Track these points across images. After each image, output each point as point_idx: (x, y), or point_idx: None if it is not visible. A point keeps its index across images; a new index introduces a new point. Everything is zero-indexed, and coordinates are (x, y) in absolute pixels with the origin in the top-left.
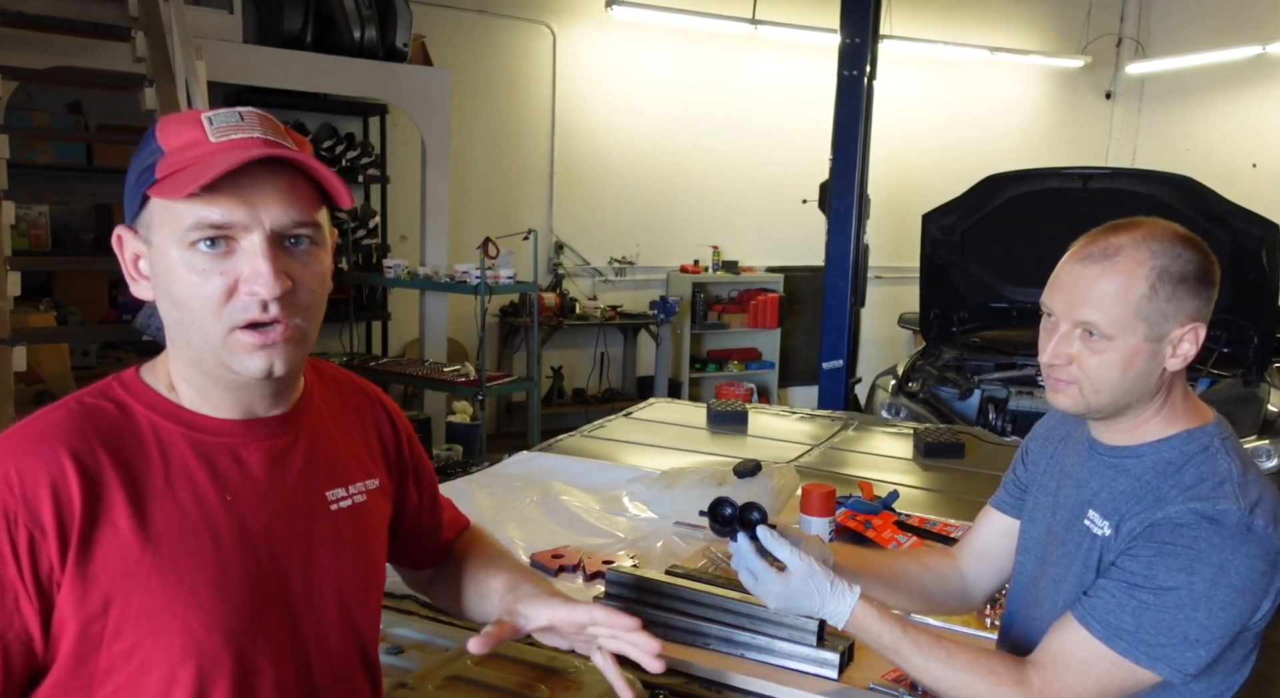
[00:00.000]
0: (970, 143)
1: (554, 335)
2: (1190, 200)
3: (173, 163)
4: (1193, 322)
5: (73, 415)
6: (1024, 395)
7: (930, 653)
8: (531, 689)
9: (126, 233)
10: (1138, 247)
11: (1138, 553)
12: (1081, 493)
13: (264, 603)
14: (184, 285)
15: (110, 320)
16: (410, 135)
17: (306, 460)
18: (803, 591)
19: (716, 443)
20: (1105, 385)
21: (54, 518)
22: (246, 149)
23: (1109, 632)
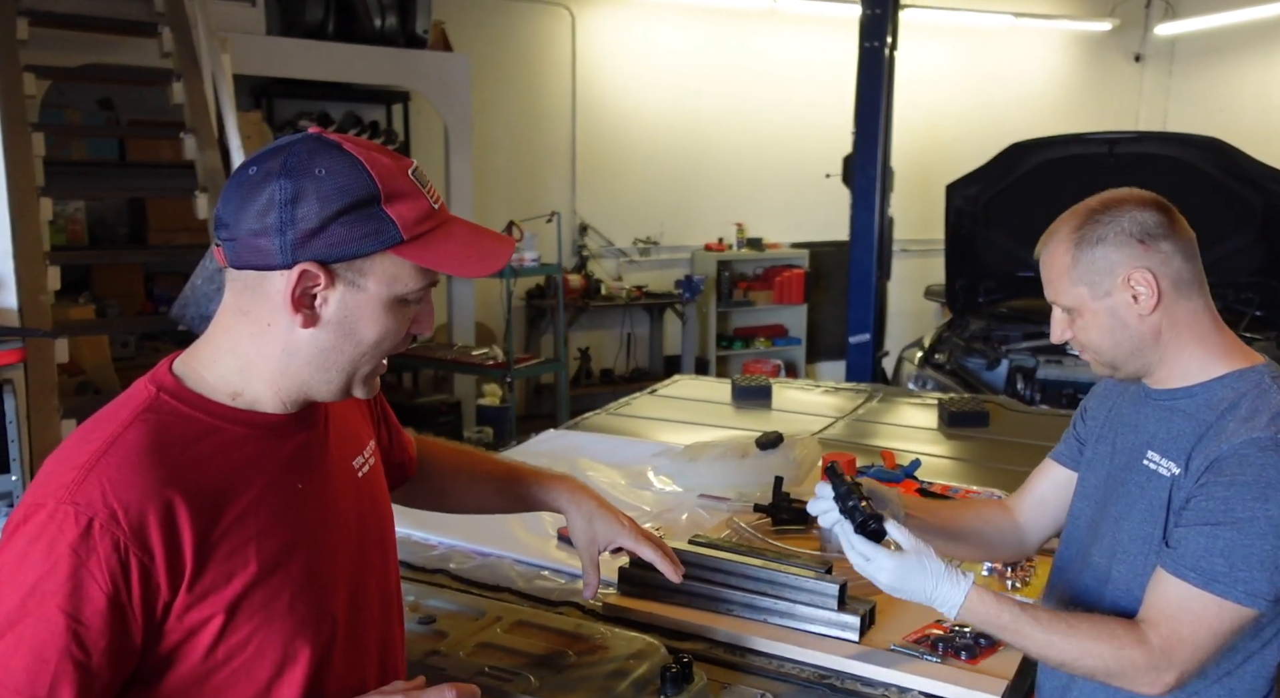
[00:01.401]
0: (995, 112)
1: (580, 317)
2: (1220, 162)
3: (415, 224)
4: (1131, 270)
5: (147, 437)
6: (1052, 364)
7: (1052, 627)
8: (560, 655)
9: (318, 269)
10: (1062, 227)
11: (1210, 492)
12: (1139, 436)
13: (340, 571)
14: (384, 330)
15: (147, 312)
16: (433, 122)
17: (335, 437)
18: (916, 572)
19: (741, 418)
20: (1101, 348)
21: (164, 545)
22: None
23: (1205, 578)
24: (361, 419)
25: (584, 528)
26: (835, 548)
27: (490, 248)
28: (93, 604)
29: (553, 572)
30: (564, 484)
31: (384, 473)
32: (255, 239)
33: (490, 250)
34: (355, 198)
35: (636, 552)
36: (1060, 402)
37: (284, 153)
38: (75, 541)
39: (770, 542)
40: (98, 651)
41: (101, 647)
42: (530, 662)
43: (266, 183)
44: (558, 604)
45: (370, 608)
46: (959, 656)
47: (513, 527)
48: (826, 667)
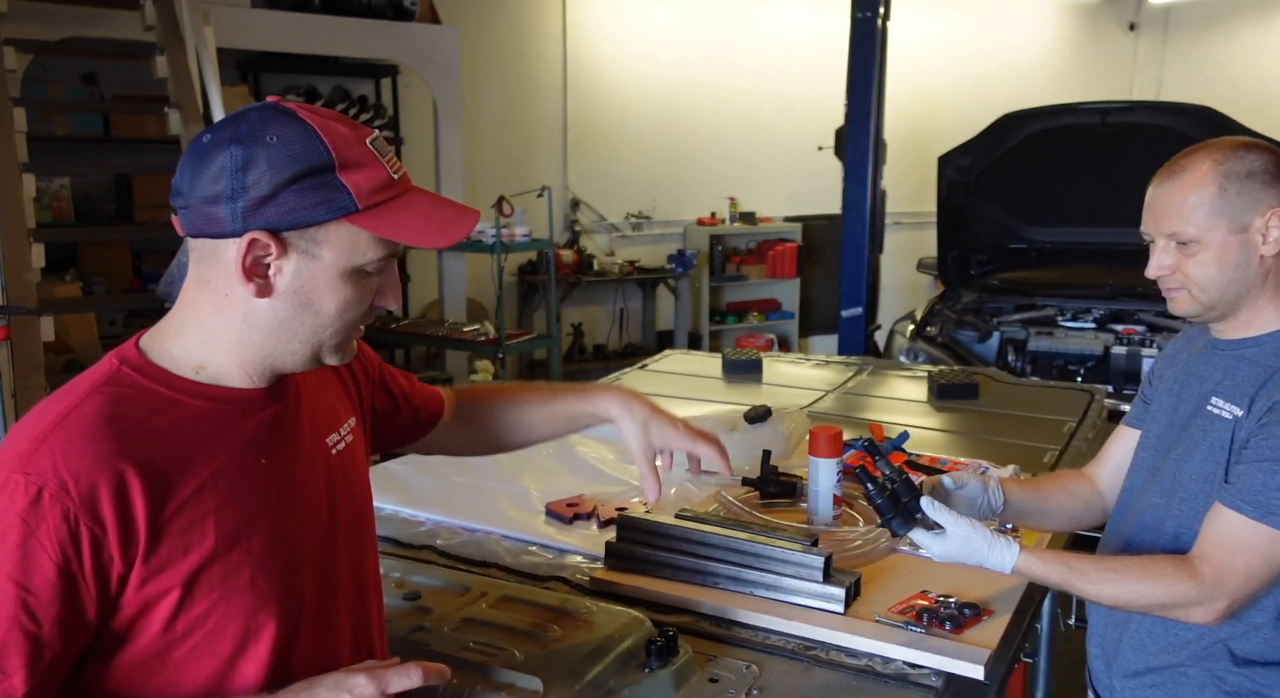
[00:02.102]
0: (988, 82)
1: (572, 292)
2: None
3: (372, 193)
4: (1273, 209)
5: (104, 408)
6: (1043, 336)
7: (1099, 577)
8: (544, 630)
9: (268, 238)
10: (1202, 159)
11: (1271, 431)
12: (1204, 386)
13: (307, 548)
14: (342, 301)
15: (135, 289)
16: (422, 96)
17: (308, 413)
18: (965, 549)
19: (732, 392)
20: (1209, 283)
21: (115, 515)
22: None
23: (1261, 510)
24: (340, 397)
25: (639, 435)
26: (822, 521)
27: (451, 218)
28: (42, 573)
29: (540, 547)
30: (613, 394)
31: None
32: (207, 207)
33: (451, 221)
34: (308, 165)
35: (694, 452)
36: (1050, 373)
37: (238, 121)
38: (24, 509)
39: (757, 515)
40: (48, 620)
41: (52, 616)
42: (515, 637)
43: (219, 150)
44: (545, 579)
45: (343, 587)
46: (943, 626)
47: (500, 503)
48: (812, 638)
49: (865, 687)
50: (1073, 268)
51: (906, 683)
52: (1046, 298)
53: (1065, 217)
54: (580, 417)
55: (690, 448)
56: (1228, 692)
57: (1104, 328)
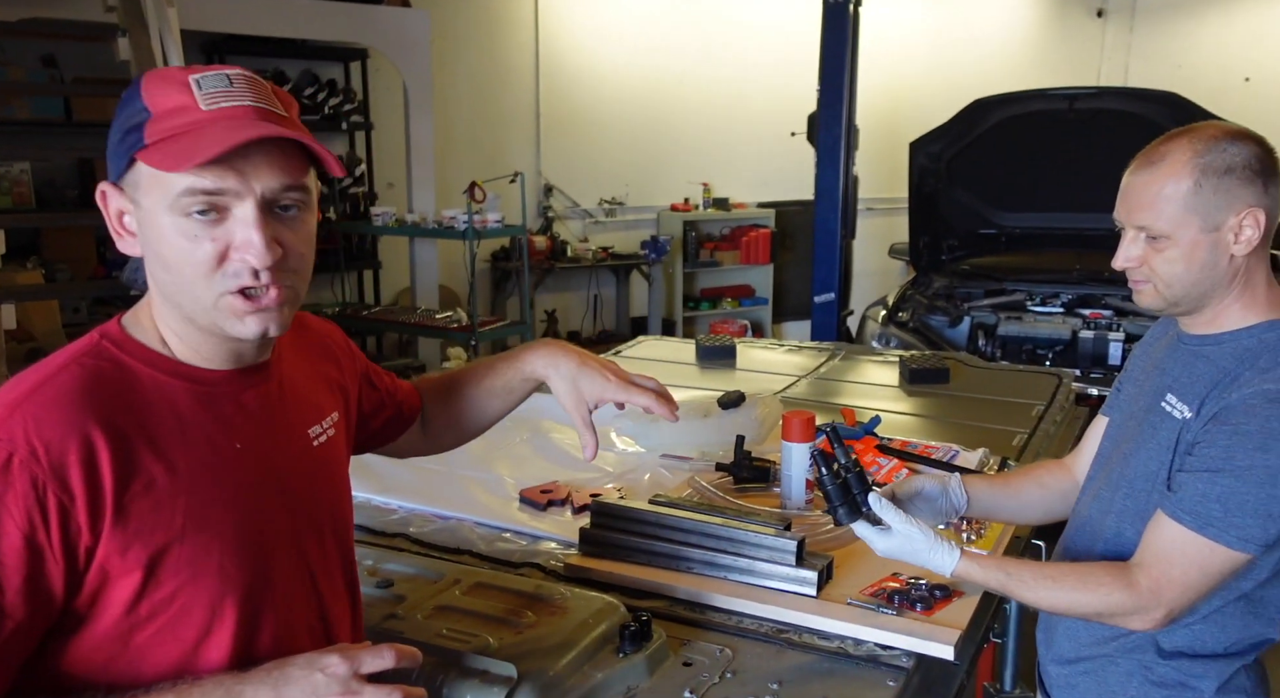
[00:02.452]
0: (959, 68)
1: (546, 279)
2: (1176, 116)
3: (162, 129)
4: (1249, 208)
5: (81, 379)
6: (1012, 321)
7: (1036, 585)
8: (518, 616)
9: (111, 190)
10: (1182, 149)
11: (1214, 439)
12: (1163, 380)
13: (280, 537)
14: (174, 250)
15: (99, 277)
16: (392, 80)
17: (290, 402)
18: (906, 549)
19: (705, 378)
20: (1175, 280)
21: (84, 485)
22: (240, 123)
23: (1200, 522)
24: (326, 390)
25: (568, 390)
26: (795, 505)
27: (234, 131)
28: (8, 540)
29: (514, 534)
30: (538, 350)
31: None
32: None
33: (220, 136)
34: (129, 115)
35: (629, 401)
36: (1020, 358)
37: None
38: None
39: (731, 500)
40: (12, 589)
41: (16, 585)
42: (489, 623)
43: None
44: (519, 566)
45: (315, 579)
46: (914, 607)
47: (473, 490)
48: (785, 621)
49: (837, 669)
50: (1042, 253)
51: (878, 664)
52: (1016, 283)
53: (1034, 202)
54: (515, 383)
55: (625, 397)
56: (1154, 682)
57: (1071, 313)
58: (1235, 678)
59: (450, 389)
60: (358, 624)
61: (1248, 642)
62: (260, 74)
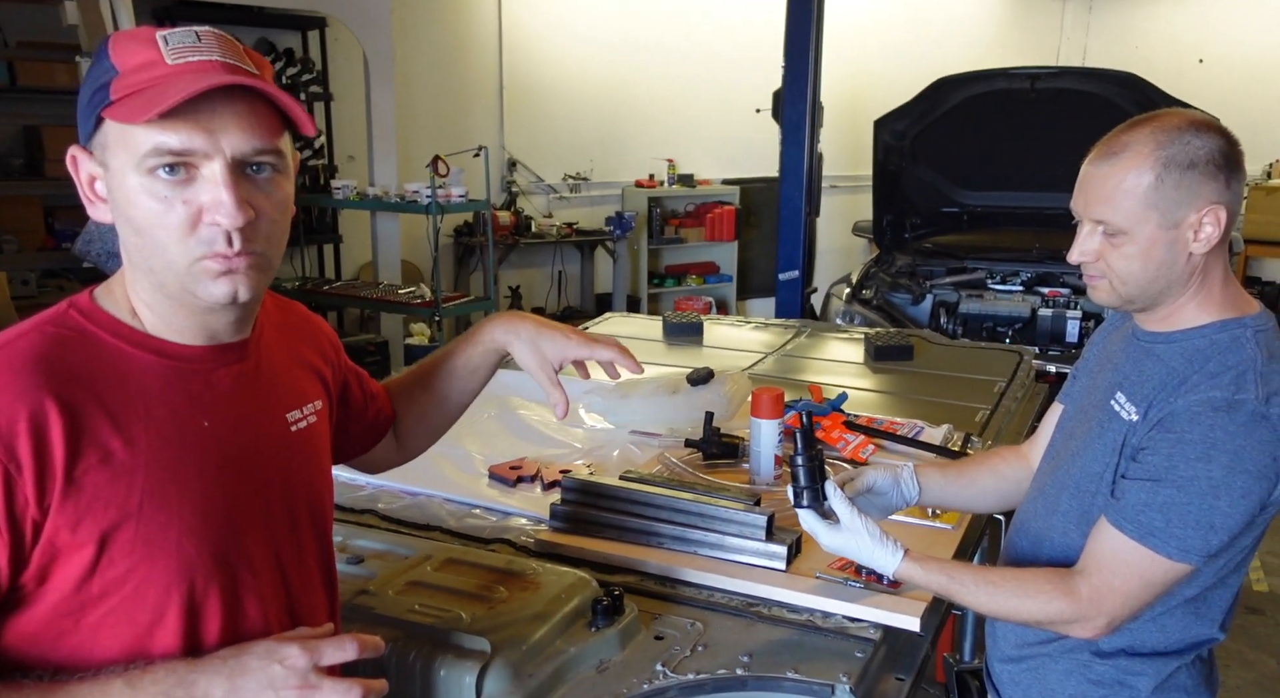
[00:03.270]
0: (923, 47)
1: (510, 255)
2: (1135, 97)
3: (128, 84)
4: (1210, 205)
5: (40, 345)
6: (974, 298)
7: (978, 589)
8: (490, 591)
9: (80, 153)
10: (1144, 140)
11: (1158, 447)
12: (1114, 376)
13: (247, 522)
14: (145, 212)
15: (49, 248)
16: (352, 50)
17: (268, 384)
18: (852, 546)
19: (673, 354)
20: (1130, 277)
21: (32, 454)
22: (205, 73)
23: (1141, 532)
24: (309, 378)
25: (531, 352)
26: (764, 481)
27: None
28: None
29: (484, 510)
30: (495, 322)
31: (351, 431)
32: None
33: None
34: (97, 76)
35: (592, 357)
36: (981, 335)
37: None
38: None
39: (701, 476)
40: None
41: None
42: (461, 599)
43: None
44: (489, 542)
45: (285, 569)
46: (880, 581)
47: (442, 466)
48: (754, 595)
49: (806, 641)
50: (1002, 232)
51: (846, 636)
52: (977, 261)
53: (995, 181)
54: (477, 358)
55: (588, 354)
56: (1093, 680)
57: (1031, 291)
58: (1174, 677)
59: (414, 383)
60: (335, 619)
61: (1187, 641)
62: None
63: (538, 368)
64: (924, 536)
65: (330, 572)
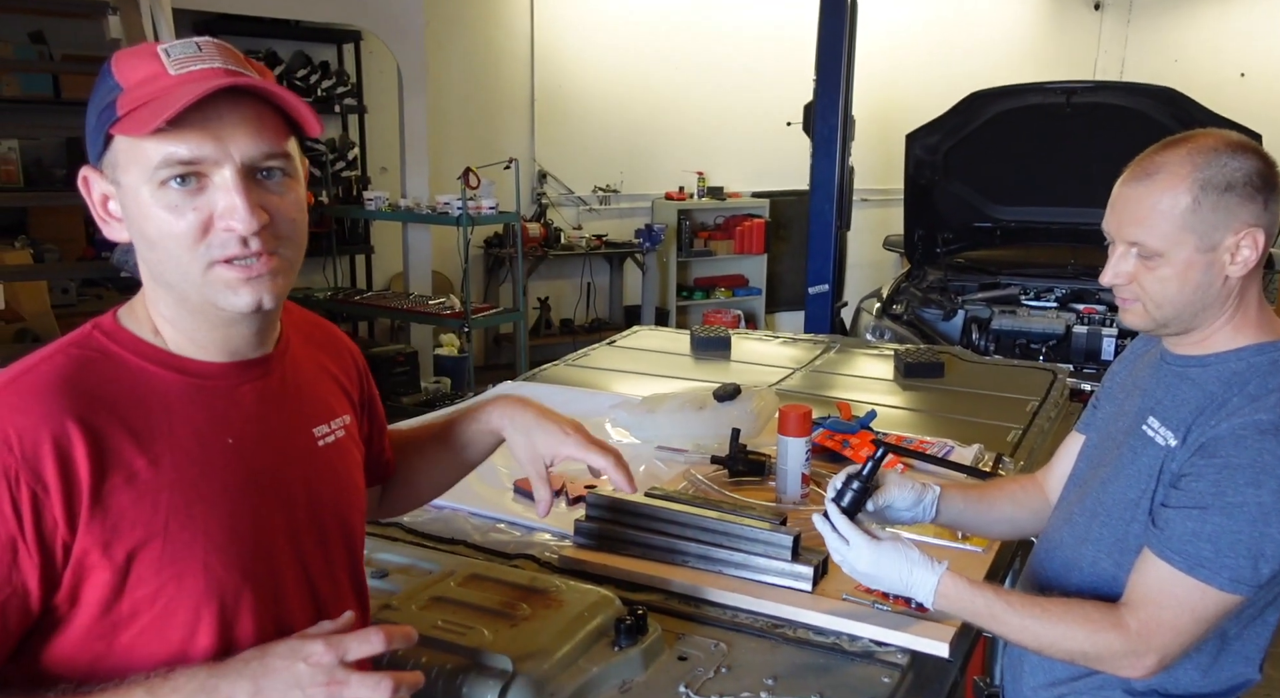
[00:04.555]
0: (956, 60)
1: (539, 266)
2: (1174, 112)
3: (133, 98)
4: (1248, 228)
5: (63, 368)
6: (1007, 315)
7: (1027, 611)
8: (513, 608)
9: (92, 174)
10: (1180, 161)
11: (1203, 473)
12: (1145, 401)
13: (275, 538)
14: (157, 224)
15: (89, 257)
16: (386, 63)
17: (294, 399)
18: (892, 556)
19: (700, 369)
20: (1165, 301)
21: (58, 476)
22: (207, 80)
23: (1190, 562)
24: (337, 393)
25: (524, 444)
26: (791, 500)
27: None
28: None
29: (509, 524)
30: (497, 405)
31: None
32: None
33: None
34: (103, 98)
35: (585, 461)
36: (1014, 352)
37: None
38: None
39: (726, 494)
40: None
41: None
42: (484, 615)
43: None
44: (513, 557)
45: (314, 583)
46: (909, 604)
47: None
48: (780, 616)
49: (832, 664)
50: (1036, 247)
51: (873, 660)
52: (1010, 277)
53: (1030, 196)
54: (474, 437)
55: (582, 456)
56: None
57: (1066, 307)
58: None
59: (409, 442)
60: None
61: (1226, 683)
62: (253, 55)
63: (528, 461)
64: (953, 558)
65: (361, 586)
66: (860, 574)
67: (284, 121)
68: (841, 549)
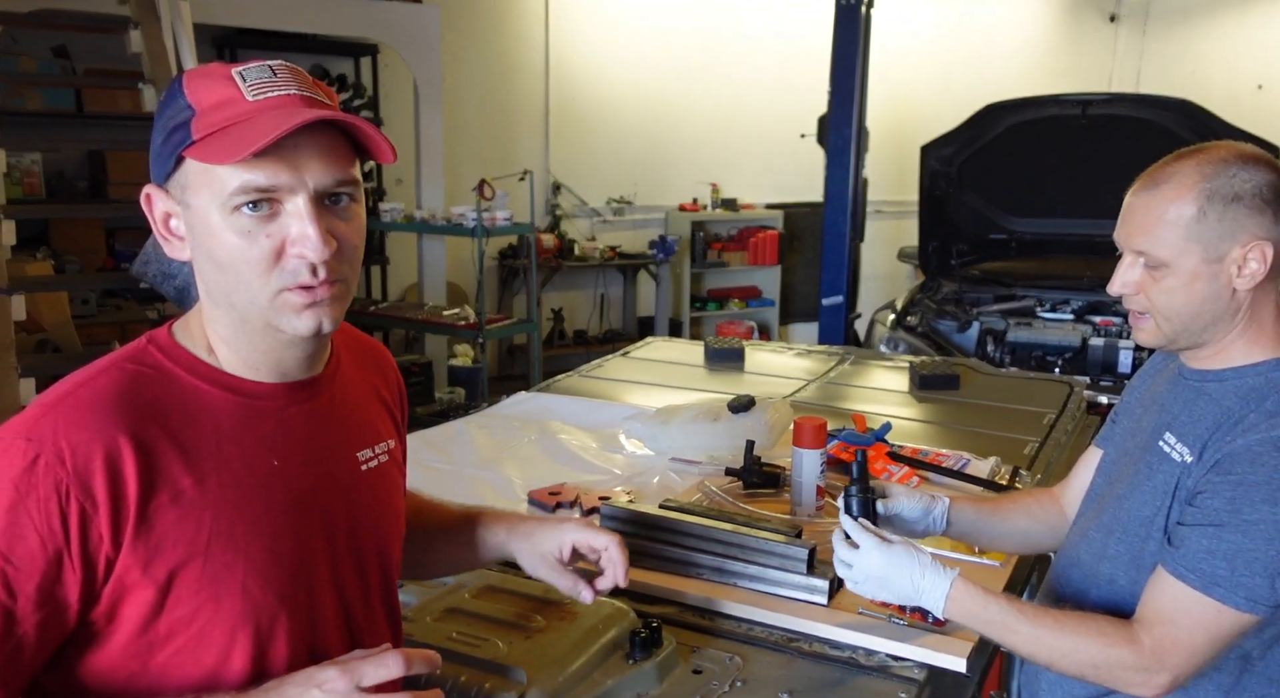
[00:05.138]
0: (971, 71)
1: (553, 277)
2: (1190, 124)
3: (209, 123)
4: (1256, 240)
5: (118, 384)
6: (1022, 327)
7: (1039, 621)
8: (528, 620)
9: (156, 192)
10: (1189, 172)
11: (1218, 490)
12: (1162, 417)
13: (314, 563)
14: (228, 249)
15: (109, 269)
16: (402, 76)
17: (340, 422)
18: (904, 560)
19: (714, 380)
20: (1173, 313)
21: (107, 492)
22: (288, 108)
23: (1205, 581)
24: (383, 415)
25: (529, 549)
26: (806, 512)
27: (286, 117)
28: (25, 544)
29: None
30: (503, 519)
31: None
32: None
33: (272, 124)
34: (174, 117)
35: (588, 540)
36: (1029, 364)
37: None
38: (18, 475)
39: (741, 506)
40: (24, 595)
41: (29, 591)
42: (498, 627)
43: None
44: None
45: (350, 609)
46: (926, 619)
47: (482, 490)
48: (795, 630)
49: (848, 679)
50: (1052, 259)
51: (889, 675)
52: (1026, 289)
53: (1045, 208)
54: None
55: (585, 536)
56: None
57: (1082, 319)
58: None
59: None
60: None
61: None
62: None
63: (539, 564)
64: (970, 572)
65: (395, 614)
66: (870, 578)
67: (352, 147)
68: (850, 557)
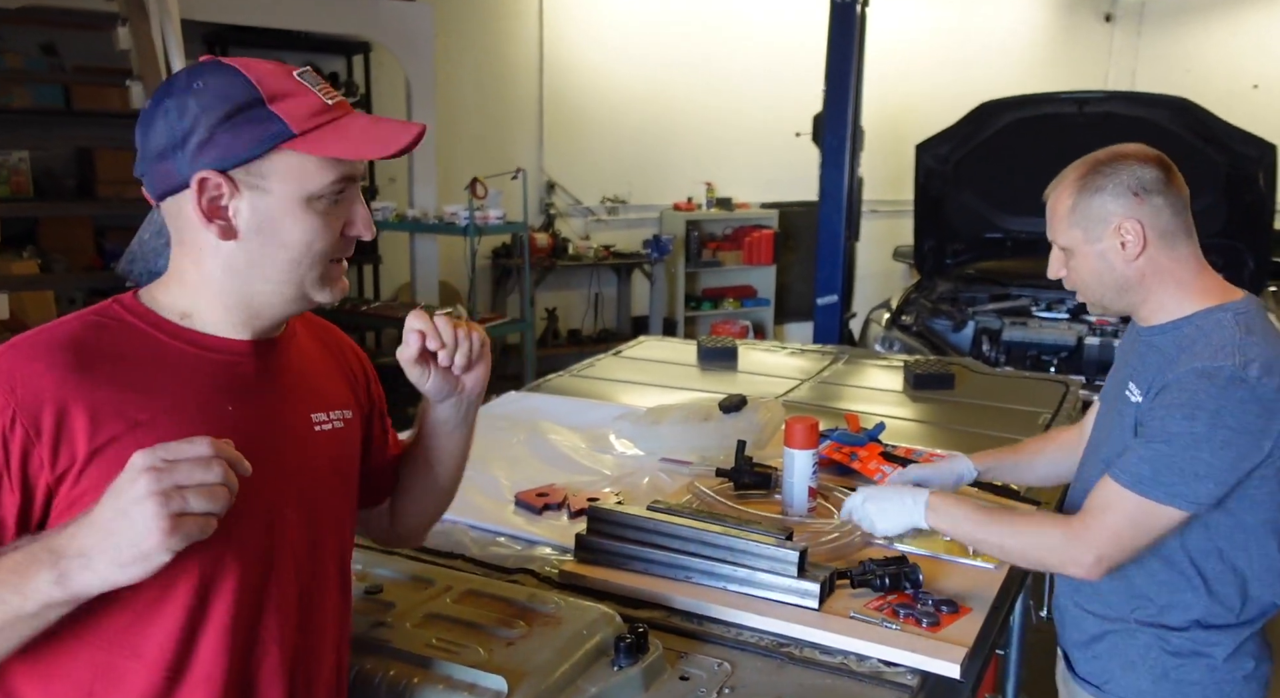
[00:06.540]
0: (966, 70)
1: (547, 276)
2: (1187, 123)
3: (301, 118)
4: (1120, 219)
5: (77, 330)
6: (1017, 326)
7: (997, 524)
8: (510, 625)
9: (215, 176)
10: (1073, 171)
11: (1154, 414)
12: (1126, 371)
13: (262, 512)
14: (306, 230)
15: (96, 268)
16: (395, 74)
17: (296, 382)
18: (888, 491)
19: (706, 380)
20: (1085, 286)
21: (53, 423)
22: (395, 124)
23: (1132, 479)
24: (340, 388)
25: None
26: (797, 514)
27: (390, 131)
28: None
29: (509, 538)
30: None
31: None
32: (160, 164)
33: (391, 134)
34: (236, 102)
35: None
36: (1025, 363)
37: (171, 79)
38: None
39: (732, 506)
40: None
41: None
42: (479, 633)
43: (157, 109)
44: (512, 571)
45: (299, 561)
46: (919, 623)
47: (468, 491)
48: (785, 635)
49: (839, 685)
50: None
51: (881, 682)
52: (1021, 288)
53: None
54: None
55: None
56: (1170, 651)
57: (1077, 319)
58: (1245, 644)
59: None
60: (346, 619)
61: (1256, 611)
62: None
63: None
64: (965, 575)
65: (346, 578)
66: (870, 500)
67: None
68: (852, 499)
